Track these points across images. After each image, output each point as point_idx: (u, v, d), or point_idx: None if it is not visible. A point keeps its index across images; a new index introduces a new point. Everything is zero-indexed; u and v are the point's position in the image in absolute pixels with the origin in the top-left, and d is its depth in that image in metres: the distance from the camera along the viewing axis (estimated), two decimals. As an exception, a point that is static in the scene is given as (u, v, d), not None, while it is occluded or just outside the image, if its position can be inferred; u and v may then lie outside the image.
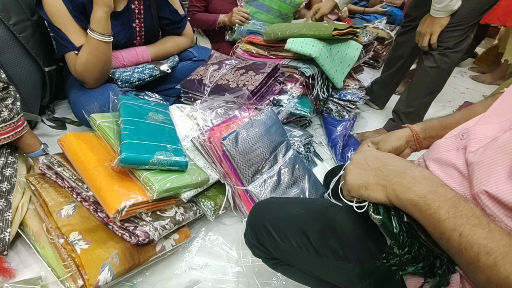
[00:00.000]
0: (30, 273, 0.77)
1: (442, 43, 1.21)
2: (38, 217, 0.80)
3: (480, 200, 0.39)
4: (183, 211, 0.86)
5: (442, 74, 1.29)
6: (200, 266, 0.87)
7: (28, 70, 1.08)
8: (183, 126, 1.04)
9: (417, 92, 1.37)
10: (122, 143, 0.78)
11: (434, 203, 0.36)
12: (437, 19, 1.16)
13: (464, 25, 1.15)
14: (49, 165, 0.84)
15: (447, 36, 1.19)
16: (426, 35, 1.21)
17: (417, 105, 1.38)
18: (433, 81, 1.31)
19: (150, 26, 1.24)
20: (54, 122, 1.24)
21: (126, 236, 0.74)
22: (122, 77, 1.11)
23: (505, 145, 0.39)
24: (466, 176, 0.43)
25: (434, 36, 1.20)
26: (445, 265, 0.39)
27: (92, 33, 0.98)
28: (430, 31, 1.19)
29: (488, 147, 0.41)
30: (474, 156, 0.42)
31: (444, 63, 1.25)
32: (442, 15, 1.15)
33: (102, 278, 0.68)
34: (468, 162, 0.43)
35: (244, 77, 1.19)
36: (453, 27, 1.16)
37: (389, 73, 1.59)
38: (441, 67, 1.26)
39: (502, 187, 0.37)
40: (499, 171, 0.38)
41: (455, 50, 1.21)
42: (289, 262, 0.64)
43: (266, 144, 0.96)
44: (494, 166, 0.39)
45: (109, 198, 0.71)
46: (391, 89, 1.66)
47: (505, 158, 0.38)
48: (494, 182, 0.38)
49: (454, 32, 1.17)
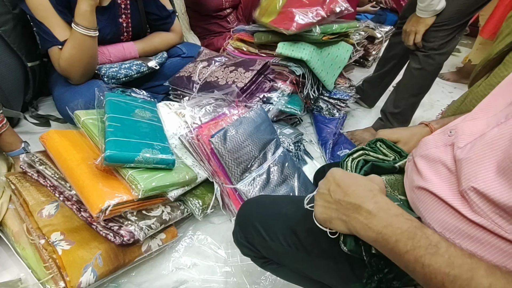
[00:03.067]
0: (9, 275, 0.74)
1: (427, 43, 1.21)
2: (18, 217, 0.77)
3: (468, 197, 0.38)
4: (170, 210, 0.84)
5: (428, 76, 1.29)
6: (188, 266, 0.86)
7: (9, 65, 1.04)
8: (171, 123, 1.02)
9: (403, 93, 1.37)
10: (107, 140, 0.75)
11: (391, 238, 0.36)
12: (421, 18, 1.16)
13: (450, 25, 1.15)
14: (30, 163, 0.81)
15: (433, 36, 1.19)
16: (411, 34, 1.22)
17: (403, 105, 1.39)
18: (418, 83, 1.31)
19: (137, 22, 1.21)
20: (38, 119, 1.20)
21: (110, 236, 0.72)
22: (108, 73, 1.08)
23: (493, 141, 0.39)
24: (454, 172, 0.42)
25: (418, 35, 1.20)
26: None
27: (76, 27, 0.95)
28: (415, 29, 1.20)
29: (476, 143, 0.41)
30: (462, 153, 0.42)
31: (428, 65, 1.25)
32: (426, 15, 1.15)
33: (85, 280, 0.66)
34: (456, 159, 0.42)
35: (234, 74, 1.17)
36: (439, 27, 1.16)
37: (380, 73, 1.59)
38: (426, 69, 1.26)
39: (490, 184, 0.36)
40: (487, 167, 0.38)
41: (440, 52, 1.21)
42: (278, 261, 0.64)
43: (255, 142, 0.95)
44: (482, 163, 0.38)
45: (93, 197, 0.69)
46: (381, 88, 1.67)
47: (492, 154, 0.38)
48: (482, 178, 0.37)
49: (439, 32, 1.17)
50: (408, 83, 1.34)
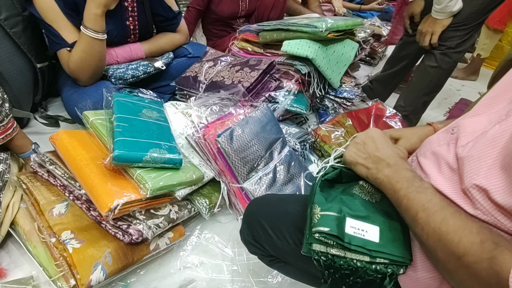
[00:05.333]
0: (22, 272, 0.75)
1: (444, 42, 1.20)
2: (29, 216, 0.78)
3: (470, 194, 0.39)
4: (178, 209, 0.85)
5: (443, 74, 1.28)
6: (195, 265, 0.86)
7: (19, 66, 1.06)
8: (177, 123, 1.03)
9: (416, 91, 1.35)
10: (115, 140, 0.76)
11: (394, 180, 0.46)
12: (438, 20, 1.15)
13: (468, 24, 1.14)
14: (40, 163, 0.82)
15: (450, 35, 1.18)
16: (427, 35, 1.21)
17: (416, 104, 1.37)
18: (433, 81, 1.30)
19: (144, 23, 1.22)
20: (47, 120, 1.22)
21: (119, 234, 0.73)
22: (115, 74, 1.09)
23: (494, 138, 0.39)
24: (456, 171, 0.43)
25: (435, 36, 1.19)
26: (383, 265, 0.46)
27: (86, 30, 0.96)
28: (432, 30, 1.18)
29: (478, 141, 0.41)
30: (464, 150, 0.42)
31: (445, 63, 1.24)
32: (442, 17, 1.13)
33: (95, 278, 0.67)
34: (458, 157, 0.42)
35: (240, 73, 1.18)
36: (456, 27, 1.15)
37: (391, 72, 1.57)
38: (442, 67, 1.25)
39: (492, 181, 0.36)
40: (489, 164, 0.38)
41: (457, 50, 1.20)
42: (284, 259, 0.64)
43: (261, 141, 0.96)
44: (484, 160, 0.38)
45: (102, 196, 0.70)
46: (391, 87, 1.65)
47: (494, 151, 0.38)
48: (484, 175, 0.37)
49: (457, 31, 1.16)
50: (422, 81, 1.32)
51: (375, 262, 0.45)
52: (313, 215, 0.49)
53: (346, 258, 0.46)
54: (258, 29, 1.35)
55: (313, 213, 0.50)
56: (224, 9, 1.63)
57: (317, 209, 0.49)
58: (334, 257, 0.47)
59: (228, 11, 1.64)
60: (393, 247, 0.45)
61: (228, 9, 1.63)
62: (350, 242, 0.45)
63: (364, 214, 0.49)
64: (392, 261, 0.45)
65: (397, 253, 0.45)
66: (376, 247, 0.45)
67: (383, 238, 0.46)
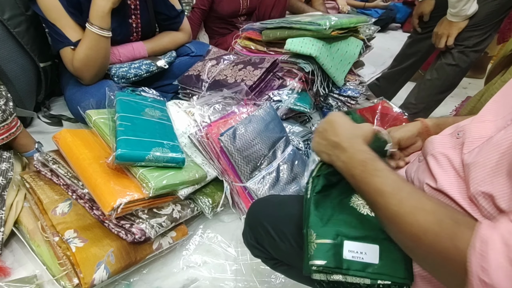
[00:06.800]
0: (25, 271, 0.76)
1: (462, 42, 1.19)
2: (33, 215, 0.79)
3: (477, 202, 0.38)
4: (181, 208, 0.85)
5: (460, 72, 1.26)
6: (198, 264, 0.86)
7: (22, 66, 1.06)
8: (180, 122, 1.03)
9: (430, 88, 1.34)
10: (118, 139, 0.76)
11: (351, 165, 0.47)
12: (454, 22, 1.14)
13: (484, 25, 1.13)
14: (44, 162, 0.82)
15: (468, 35, 1.17)
16: (443, 37, 1.20)
17: (428, 102, 1.35)
18: (448, 79, 1.28)
19: (147, 22, 1.22)
20: (50, 119, 1.22)
21: (122, 234, 0.72)
22: (118, 73, 1.09)
23: (499, 144, 0.38)
24: (462, 177, 0.42)
25: (451, 38, 1.18)
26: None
27: (91, 27, 0.96)
28: (448, 33, 1.18)
29: (484, 147, 0.40)
30: (470, 157, 0.41)
31: (463, 62, 1.22)
32: (458, 20, 1.13)
33: (98, 277, 0.67)
34: (464, 163, 0.42)
35: (243, 72, 1.17)
36: (474, 28, 1.14)
37: (399, 69, 1.55)
38: (459, 66, 1.23)
39: (498, 188, 0.36)
40: (495, 171, 0.37)
41: (474, 49, 1.19)
42: (288, 262, 0.63)
43: (264, 140, 0.95)
44: (489, 167, 0.38)
45: (105, 195, 0.70)
46: (399, 85, 1.63)
47: (500, 157, 0.37)
48: (490, 182, 0.37)
49: (475, 31, 1.15)
50: (438, 79, 1.30)
51: (376, 284, 0.45)
52: (309, 244, 0.48)
53: (348, 282, 0.46)
54: (261, 27, 1.34)
55: (309, 241, 0.49)
56: (225, 7, 1.62)
57: (313, 235, 0.48)
58: (336, 282, 0.47)
59: (229, 9, 1.63)
60: (394, 268, 0.45)
61: (229, 8, 1.63)
62: (349, 268, 0.45)
63: (362, 234, 0.48)
64: (393, 282, 0.44)
65: (397, 275, 0.44)
66: (376, 270, 0.45)
67: (383, 257, 0.45)
